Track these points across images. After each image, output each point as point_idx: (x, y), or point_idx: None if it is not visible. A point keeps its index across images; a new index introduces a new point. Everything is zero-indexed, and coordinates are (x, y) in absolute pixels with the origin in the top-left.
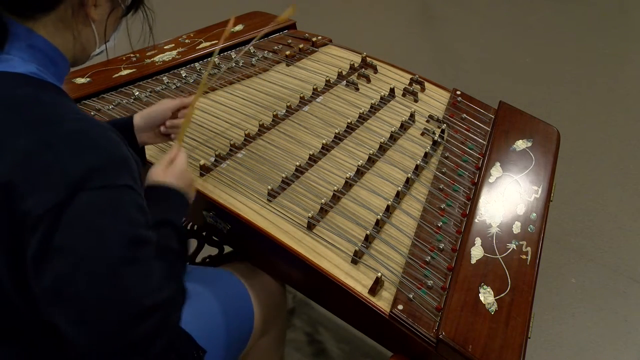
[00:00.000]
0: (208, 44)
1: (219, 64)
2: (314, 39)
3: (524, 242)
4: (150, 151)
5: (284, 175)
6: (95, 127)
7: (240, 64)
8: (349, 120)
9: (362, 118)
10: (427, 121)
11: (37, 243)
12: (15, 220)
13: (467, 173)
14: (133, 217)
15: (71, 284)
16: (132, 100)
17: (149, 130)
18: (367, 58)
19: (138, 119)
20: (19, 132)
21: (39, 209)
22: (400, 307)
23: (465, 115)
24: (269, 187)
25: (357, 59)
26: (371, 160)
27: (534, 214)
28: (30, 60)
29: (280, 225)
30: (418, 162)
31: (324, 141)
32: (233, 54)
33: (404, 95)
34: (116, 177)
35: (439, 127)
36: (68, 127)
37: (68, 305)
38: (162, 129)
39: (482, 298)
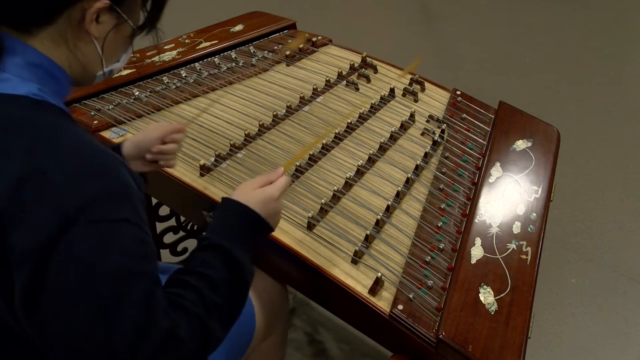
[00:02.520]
0: (208, 43)
1: (219, 64)
2: (314, 39)
3: (524, 242)
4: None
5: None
6: (95, 153)
7: (240, 64)
8: (349, 120)
9: (362, 118)
10: (427, 121)
11: (26, 281)
12: (2, 250)
13: (467, 173)
14: (127, 250)
15: (59, 323)
16: (132, 100)
17: (140, 158)
18: (367, 58)
19: (130, 147)
20: (14, 156)
21: (26, 244)
22: (400, 307)
23: (465, 115)
24: None
25: (357, 59)
26: (371, 160)
27: (534, 214)
28: (30, 79)
29: (280, 225)
30: (418, 162)
31: (324, 141)
32: (233, 54)
33: (404, 95)
34: (113, 210)
35: (439, 127)
36: (66, 152)
37: (58, 341)
38: (147, 156)
39: (482, 298)
